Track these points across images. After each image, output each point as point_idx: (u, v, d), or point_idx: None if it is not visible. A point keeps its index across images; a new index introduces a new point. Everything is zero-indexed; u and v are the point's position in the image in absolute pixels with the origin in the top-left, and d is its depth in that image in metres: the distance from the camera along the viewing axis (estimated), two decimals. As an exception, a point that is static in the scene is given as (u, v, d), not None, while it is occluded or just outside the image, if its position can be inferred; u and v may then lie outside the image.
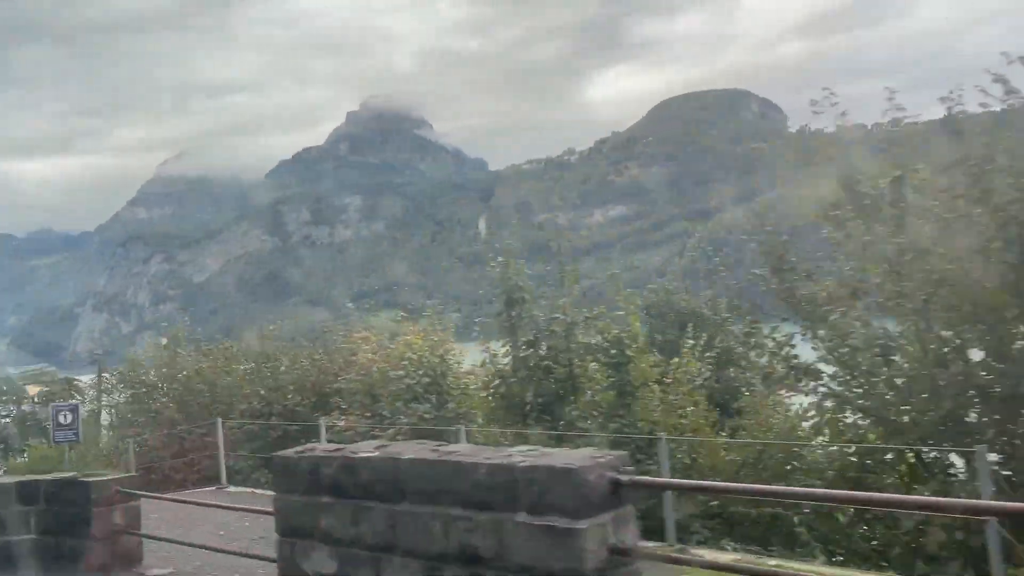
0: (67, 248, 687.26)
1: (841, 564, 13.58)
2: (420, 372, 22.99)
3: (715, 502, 14.44)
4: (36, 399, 46.48)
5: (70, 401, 29.62)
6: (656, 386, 16.94)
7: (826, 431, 15.70)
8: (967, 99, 16.33)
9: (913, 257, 14.78)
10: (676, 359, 17.84)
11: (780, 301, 19.03)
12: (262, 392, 26.82)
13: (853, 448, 14.78)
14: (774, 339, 19.64)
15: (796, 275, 17.90)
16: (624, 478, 3.99)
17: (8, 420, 45.66)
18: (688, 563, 5.63)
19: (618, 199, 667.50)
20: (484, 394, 22.00)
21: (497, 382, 21.06)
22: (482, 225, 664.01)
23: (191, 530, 12.97)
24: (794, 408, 17.23)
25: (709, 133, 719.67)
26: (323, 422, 20.71)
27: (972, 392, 13.54)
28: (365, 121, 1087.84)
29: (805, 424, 16.46)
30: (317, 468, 4.77)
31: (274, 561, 5.40)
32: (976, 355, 13.84)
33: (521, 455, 3.96)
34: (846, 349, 15.00)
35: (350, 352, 27.11)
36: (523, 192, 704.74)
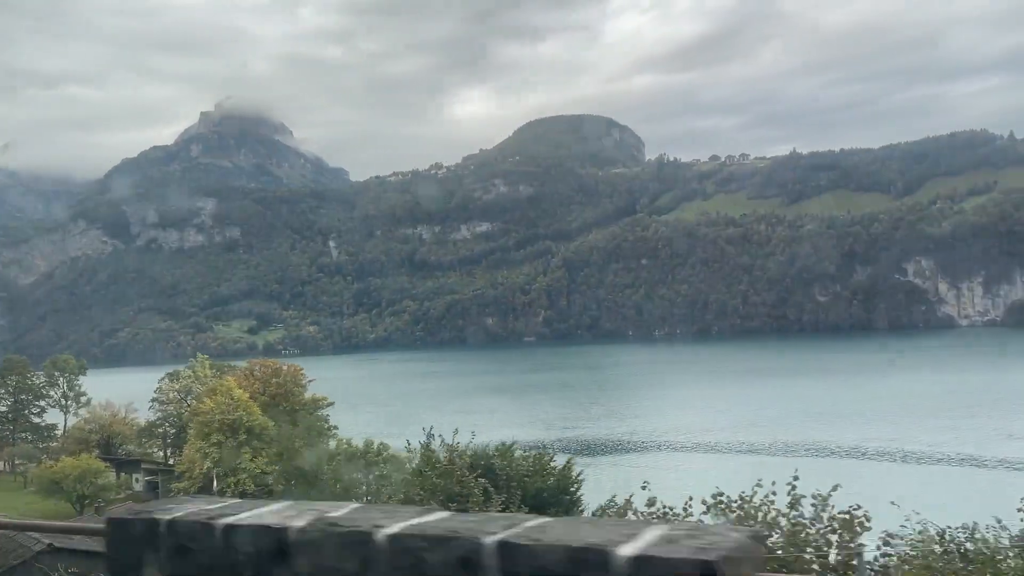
0: None
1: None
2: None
3: None
4: None
5: None
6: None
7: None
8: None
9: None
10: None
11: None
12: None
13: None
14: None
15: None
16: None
17: None
18: None
19: (484, 215, 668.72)
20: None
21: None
22: (332, 245, 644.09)
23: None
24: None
25: (572, 156, 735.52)
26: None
27: None
28: (219, 123, 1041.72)
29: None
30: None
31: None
32: None
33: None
34: None
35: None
36: (387, 203, 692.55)
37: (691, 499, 19.79)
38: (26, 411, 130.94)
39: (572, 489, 42.14)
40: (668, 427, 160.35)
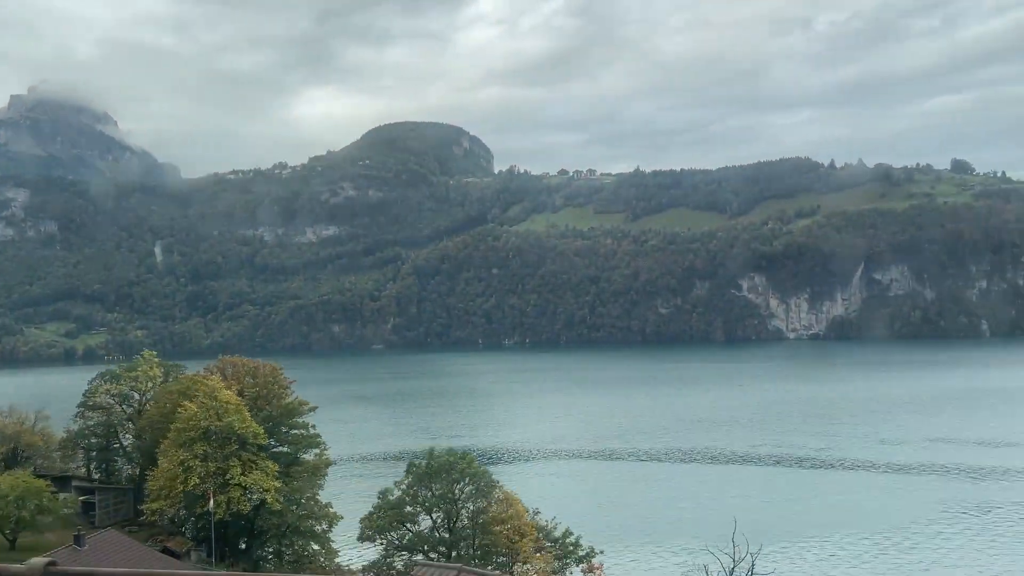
0: None
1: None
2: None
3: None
4: None
5: None
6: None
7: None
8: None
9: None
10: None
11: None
12: None
13: None
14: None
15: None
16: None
17: None
18: None
19: (331, 219, 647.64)
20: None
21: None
22: (158, 250, 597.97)
23: None
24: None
25: (423, 162, 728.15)
26: None
27: None
28: (33, 108, 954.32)
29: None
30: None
31: None
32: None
33: None
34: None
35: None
36: (226, 203, 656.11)
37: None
38: None
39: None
40: (521, 436, 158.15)
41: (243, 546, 71.27)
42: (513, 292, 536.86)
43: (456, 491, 60.49)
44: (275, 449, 73.23)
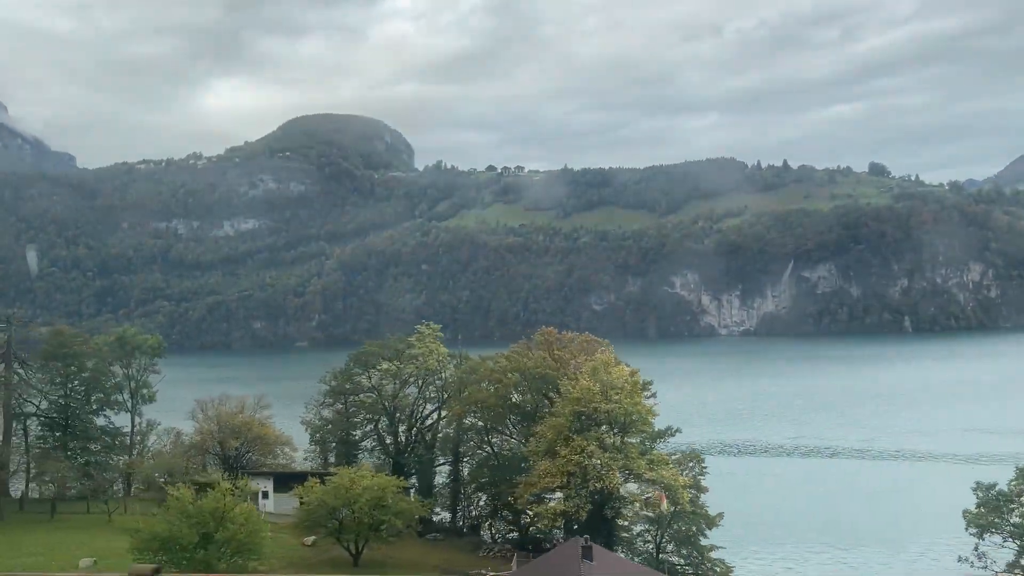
0: None
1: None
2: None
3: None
4: None
5: None
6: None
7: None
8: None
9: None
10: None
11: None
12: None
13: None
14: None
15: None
16: None
17: None
18: None
19: (250, 212, 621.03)
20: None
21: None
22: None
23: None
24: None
25: (345, 156, 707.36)
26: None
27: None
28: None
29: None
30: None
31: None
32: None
33: None
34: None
35: None
36: (136, 194, 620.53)
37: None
38: (92, 407, 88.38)
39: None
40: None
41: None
42: (444, 289, 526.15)
43: None
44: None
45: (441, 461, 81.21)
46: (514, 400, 69.86)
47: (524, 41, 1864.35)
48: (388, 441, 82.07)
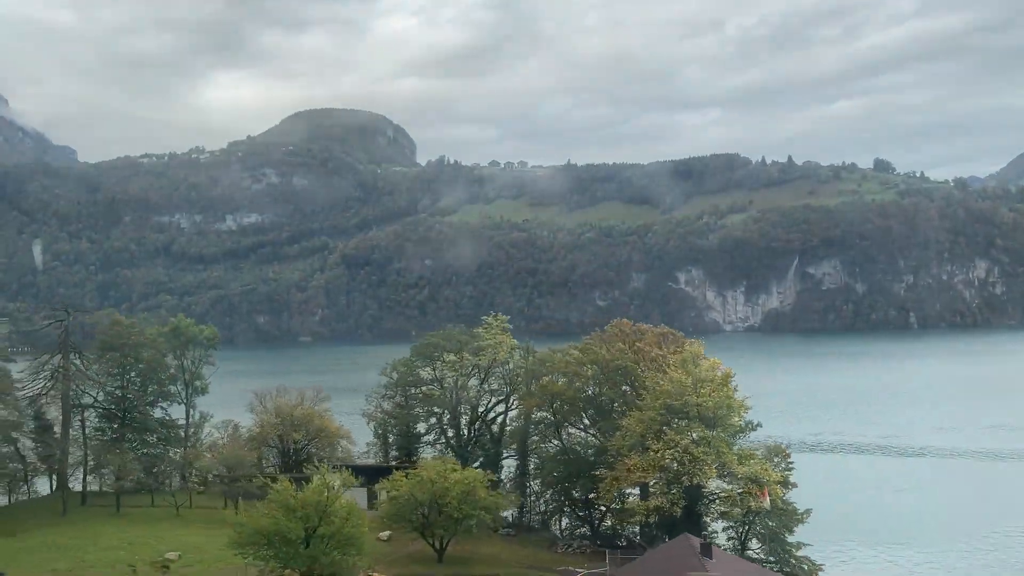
0: None
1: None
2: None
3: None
4: None
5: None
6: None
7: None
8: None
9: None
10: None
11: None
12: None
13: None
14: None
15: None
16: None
17: None
18: None
19: (253, 206, 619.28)
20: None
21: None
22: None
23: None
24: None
25: (348, 150, 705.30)
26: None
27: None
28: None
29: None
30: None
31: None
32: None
33: None
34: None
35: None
36: (139, 187, 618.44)
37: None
38: (148, 398, 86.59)
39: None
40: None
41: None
42: (447, 283, 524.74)
43: None
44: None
45: (506, 455, 79.69)
46: (590, 393, 68.09)
47: (525, 37, 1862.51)
48: (450, 434, 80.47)
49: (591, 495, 66.51)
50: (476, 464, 74.36)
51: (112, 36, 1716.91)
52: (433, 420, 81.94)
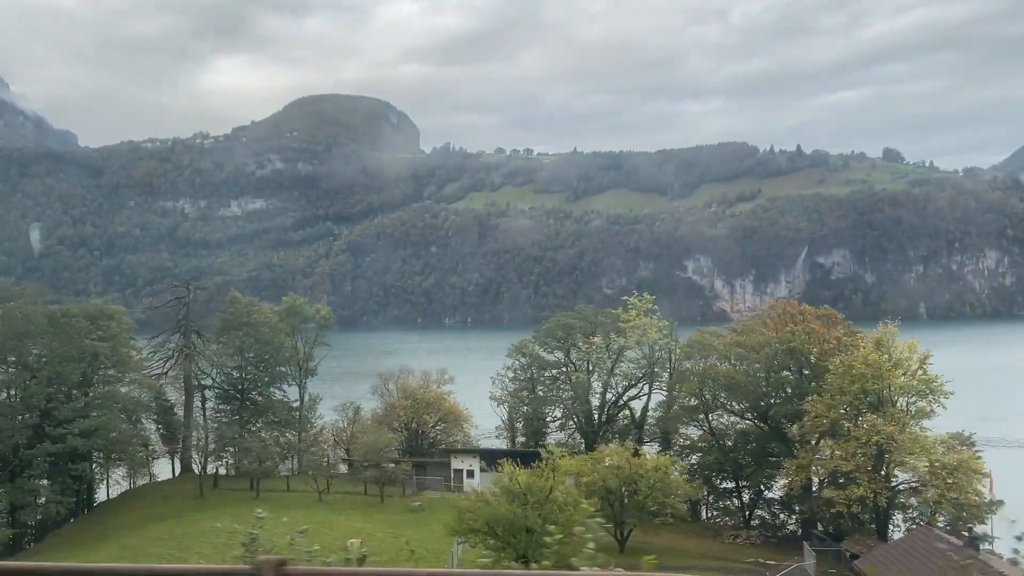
0: None
1: None
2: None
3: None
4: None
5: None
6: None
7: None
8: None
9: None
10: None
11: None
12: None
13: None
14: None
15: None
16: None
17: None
18: None
19: (257, 192, 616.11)
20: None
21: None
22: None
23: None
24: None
25: (352, 136, 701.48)
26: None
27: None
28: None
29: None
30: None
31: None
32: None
33: None
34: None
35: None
36: (143, 172, 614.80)
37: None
38: (267, 379, 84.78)
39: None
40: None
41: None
42: (453, 271, 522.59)
43: None
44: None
45: (647, 440, 77.47)
46: (758, 376, 65.32)
47: (528, 23, 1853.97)
48: (582, 419, 78.35)
49: (743, 482, 64.26)
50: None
51: (113, 20, 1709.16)
52: (564, 403, 78.84)
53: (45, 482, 73.92)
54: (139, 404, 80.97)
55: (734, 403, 69.14)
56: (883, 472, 52.87)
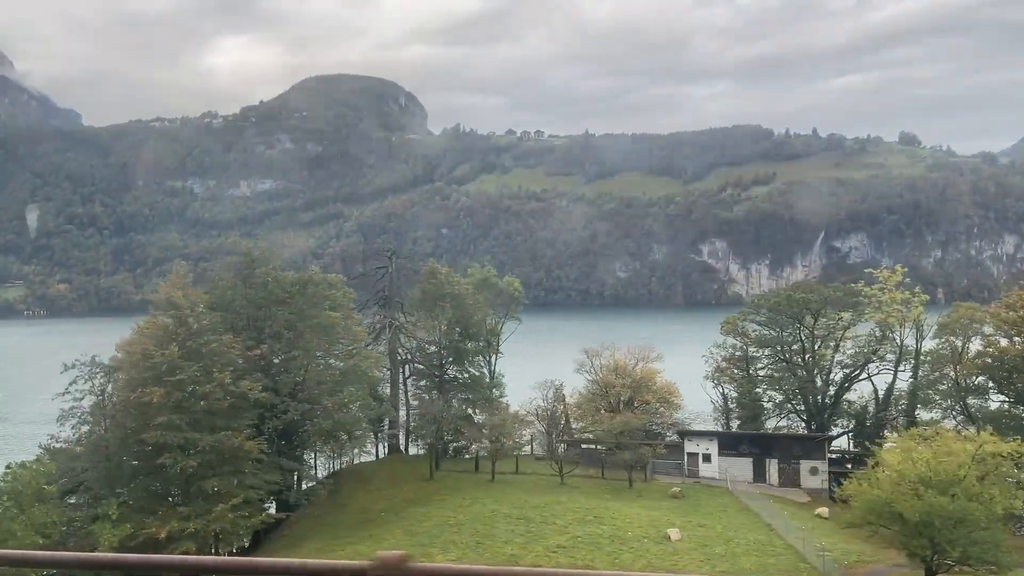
0: None
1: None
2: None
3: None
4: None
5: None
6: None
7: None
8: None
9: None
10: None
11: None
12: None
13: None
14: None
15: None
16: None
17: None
18: None
19: (267, 172, 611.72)
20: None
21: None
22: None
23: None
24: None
25: (362, 117, 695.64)
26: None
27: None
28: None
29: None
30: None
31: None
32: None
33: None
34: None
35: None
36: (152, 151, 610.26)
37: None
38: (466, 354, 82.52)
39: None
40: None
41: None
42: (465, 253, 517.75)
43: None
44: None
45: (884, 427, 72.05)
46: None
47: (534, 3, 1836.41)
48: (810, 400, 74.25)
49: None
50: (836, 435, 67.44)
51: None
52: (794, 384, 74.65)
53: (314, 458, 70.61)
54: (376, 380, 76.51)
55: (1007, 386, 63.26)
56: None
